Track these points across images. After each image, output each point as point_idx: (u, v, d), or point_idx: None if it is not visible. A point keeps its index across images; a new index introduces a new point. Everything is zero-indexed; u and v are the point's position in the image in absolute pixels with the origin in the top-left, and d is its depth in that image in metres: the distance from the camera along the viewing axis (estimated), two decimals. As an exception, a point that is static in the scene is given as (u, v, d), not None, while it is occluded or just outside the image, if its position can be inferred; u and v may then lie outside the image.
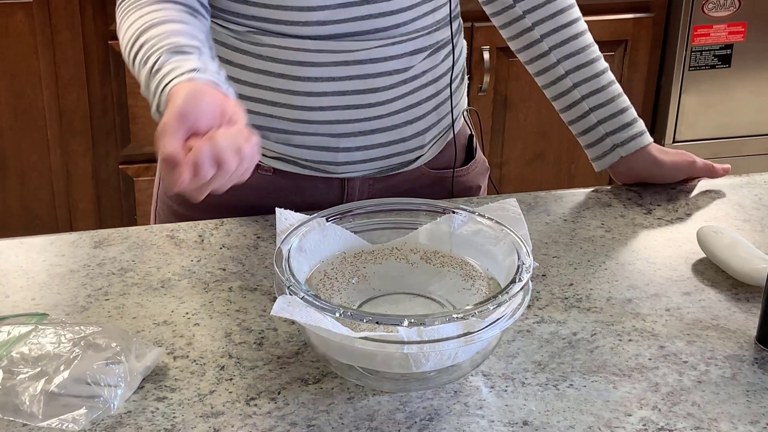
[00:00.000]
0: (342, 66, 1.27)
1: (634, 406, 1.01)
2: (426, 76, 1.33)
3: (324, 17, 1.25)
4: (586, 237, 1.30)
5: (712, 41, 2.70)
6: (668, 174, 1.40)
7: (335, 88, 1.28)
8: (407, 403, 1.00)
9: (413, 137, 1.35)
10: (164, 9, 1.17)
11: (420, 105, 1.34)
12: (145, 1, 1.19)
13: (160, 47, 1.11)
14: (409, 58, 1.30)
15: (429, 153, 1.38)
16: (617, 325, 1.13)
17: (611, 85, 1.40)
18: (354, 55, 1.27)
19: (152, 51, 1.11)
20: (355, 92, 1.29)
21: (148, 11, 1.17)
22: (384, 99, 1.31)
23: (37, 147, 2.51)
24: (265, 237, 1.28)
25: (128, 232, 1.29)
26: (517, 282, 1.00)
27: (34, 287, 1.18)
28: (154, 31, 1.14)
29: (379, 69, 1.29)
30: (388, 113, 1.32)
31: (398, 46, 1.29)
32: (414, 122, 1.34)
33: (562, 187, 2.76)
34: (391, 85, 1.30)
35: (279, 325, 1.11)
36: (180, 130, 0.98)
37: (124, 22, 1.19)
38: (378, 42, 1.27)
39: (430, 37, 1.32)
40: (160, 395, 1.01)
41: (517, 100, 2.70)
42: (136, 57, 1.14)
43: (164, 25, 1.14)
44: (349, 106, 1.29)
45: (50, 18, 2.39)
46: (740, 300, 1.18)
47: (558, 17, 1.38)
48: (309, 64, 1.27)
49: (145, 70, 1.11)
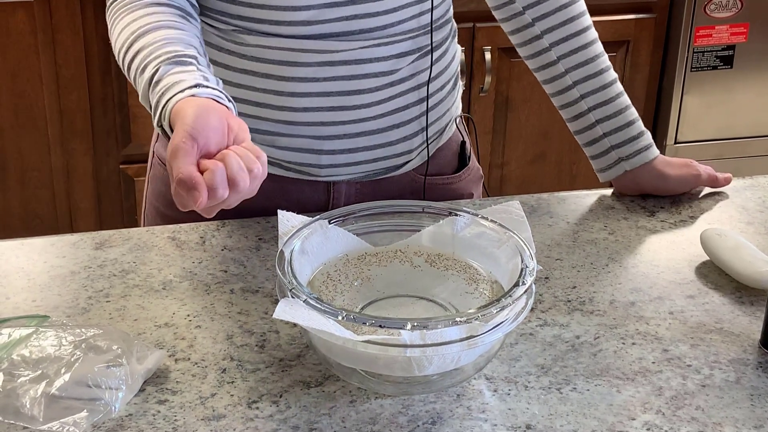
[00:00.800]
0: (327, 66, 1.27)
1: (638, 410, 1.00)
2: (413, 79, 1.32)
3: (309, 17, 1.24)
4: (589, 240, 1.30)
5: (714, 42, 2.70)
6: (673, 188, 1.39)
7: (320, 89, 1.28)
8: (410, 407, 1.00)
9: (399, 142, 1.34)
10: (157, 13, 1.16)
11: (407, 109, 1.33)
12: (136, 4, 1.18)
13: (157, 56, 1.10)
14: (395, 60, 1.29)
15: (418, 158, 1.37)
16: (620, 328, 1.13)
17: (619, 98, 1.38)
18: (339, 55, 1.26)
19: (149, 59, 1.10)
20: (340, 93, 1.28)
21: (141, 15, 1.16)
22: (369, 101, 1.30)
23: (37, 146, 2.50)
24: (267, 239, 1.28)
25: (129, 234, 1.29)
26: (520, 285, 0.99)
27: (34, 289, 1.17)
28: (149, 38, 1.13)
29: (365, 70, 1.28)
30: (373, 116, 1.31)
31: (384, 48, 1.28)
32: (400, 126, 1.33)
33: (563, 188, 2.76)
34: (376, 87, 1.29)
35: (281, 328, 1.11)
36: (193, 152, 0.98)
37: (116, 25, 1.18)
38: (364, 42, 1.27)
39: (417, 41, 1.31)
40: (161, 398, 1.01)
41: (519, 100, 2.69)
42: (132, 63, 1.13)
43: (159, 31, 1.13)
44: (334, 107, 1.29)
45: (51, 17, 2.39)
46: (744, 303, 1.17)
47: (568, 26, 1.36)
48: (294, 64, 1.26)
49: (143, 80, 1.10)
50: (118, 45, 1.16)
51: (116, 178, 2.58)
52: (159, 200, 1.39)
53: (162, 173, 1.39)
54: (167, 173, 1.35)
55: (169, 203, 1.36)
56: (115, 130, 2.52)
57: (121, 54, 1.15)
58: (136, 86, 1.13)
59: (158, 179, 1.40)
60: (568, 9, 1.37)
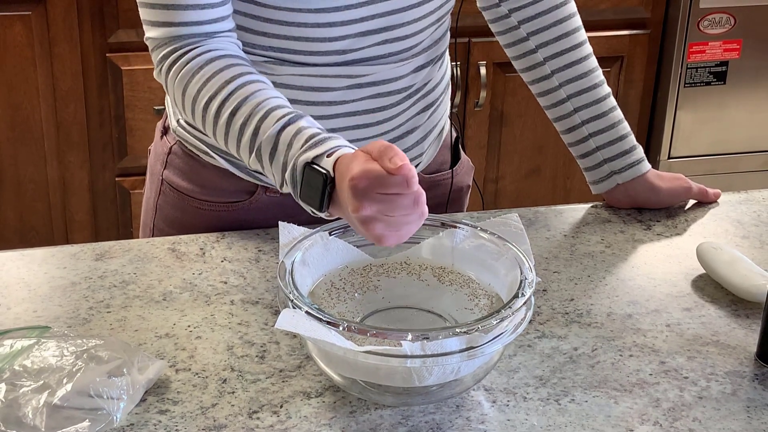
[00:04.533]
0: (355, 89, 1.27)
1: (636, 421, 1.01)
2: (425, 87, 1.34)
3: (343, 46, 1.24)
4: (587, 252, 1.31)
5: (708, 58, 2.71)
6: (664, 200, 1.41)
7: (346, 110, 1.28)
8: (409, 417, 1.01)
9: (414, 146, 1.36)
10: (244, 74, 1.15)
11: (419, 115, 1.35)
12: (202, 60, 1.16)
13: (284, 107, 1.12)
14: (414, 75, 1.31)
15: (426, 159, 1.39)
16: (618, 340, 1.13)
17: (612, 112, 1.39)
18: (367, 78, 1.27)
19: (273, 110, 1.11)
20: (366, 112, 1.29)
21: (226, 78, 1.14)
22: (390, 116, 1.31)
23: (33, 159, 2.51)
24: (266, 250, 1.28)
25: (129, 245, 1.29)
26: (519, 297, 1.00)
27: (35, 299, 1.18)
28: (255, 91, 1.13)
29: (389, 88, 1.29)
30: (393, 128, 1.32)
31: (405, 66, 1.29)
32: (414, 131, 1.35)
33: (557, 202, 2.77)
34: (397, 102, 1.31)
35: (281, 339, 1.11)
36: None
37: (192, 79, 1.16)
38: (391, 65, 1.28)
39: (430, 53, 1.32)
40: (162, 408, 1.01)
41: (514, 115, 2.70)
42: (235, 115, 1.13)
43: (263, 99, 1.13)
44: (359, 125, 1.30)
45: (48, 30, 2.40)
46: (740, 316, 1.18)
47: (562, 41, 1.38)
48: (323, 89, 1.27)
49: (267, 140, 1.10)
50: (204, 100, 1.15)
51: (112, 190, 2.58)
52: (172, 226, 1.38)
53: (174, 200, 1.38)
54: (181, 199, 1.35)
55: (182, 228, 1.36)
56: (112, 143, 2.53)
57: (215, 107, 1.14)
58: (240, 144, 1.13)
59: (170, 206, 1.38)
60: (563, 24, 1.38)
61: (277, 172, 1.10)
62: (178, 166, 1.36)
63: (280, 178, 1.09)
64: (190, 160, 1.35)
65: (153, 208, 1.41)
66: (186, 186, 1.36)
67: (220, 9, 1.18)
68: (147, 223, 1.42)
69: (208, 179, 1.34)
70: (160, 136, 1.40)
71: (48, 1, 2.37)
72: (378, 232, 0.98)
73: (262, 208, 1.34)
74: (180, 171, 1.36)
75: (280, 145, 1.09)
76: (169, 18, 1.17)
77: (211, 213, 1.35)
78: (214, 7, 1.17)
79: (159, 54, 1.19)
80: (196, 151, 1.34)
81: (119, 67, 2.44)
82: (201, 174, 1.35)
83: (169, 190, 1.38)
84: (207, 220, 1.35)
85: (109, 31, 2.42)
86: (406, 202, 0.97)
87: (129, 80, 2.45)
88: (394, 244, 1.00)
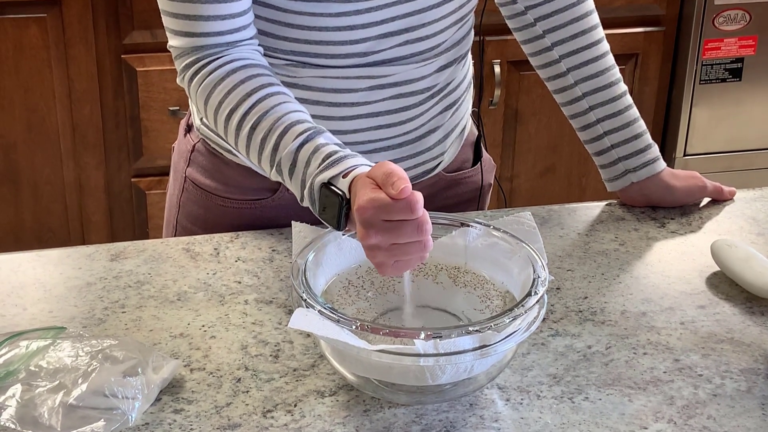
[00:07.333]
0: (377, 90, 1.27)
1: (650, 419, 1.01)
2: (448, 87, 1.34)
3: (365, 48, 1.24)
4: (600, 250, 1.31)
5: (723, 55, 2.70)
6: (679, 199, 1.41)
7: (368, 111, 1.28)
8: (423, 416, 1.01)
9: (436, 145, 1.36)
10: (265, 86, 1.16)
11: (441, 114, 1.35)
12: (223, 71, 1.17)
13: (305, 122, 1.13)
14: (436, 75, 1.31)
15: (448, 158, 1.40)
16: (632, 338, 1.13)
17: (627, 110, 1.39)
18: (389, 78, 1.27)
19: (285, 137, 1.12)
20: (388, 112, 1.29)
21: (247, 90, 1.15)
22: (412, 116, 1.31)
23: (50, 160, 2.52)
24: (280, 250, 1.29)
25: (144, 245, 1.30)
26: (533, 295, 1.00)
27: (51, 300, 1.18)
28: (276, 115, 1.14)
29: (412, 89, 1.29)
30: (415, 128, 1.32)
31: (429, 66, 1.29)
32: (436, 131, 1.35)
33: (572, 200, 2.76)
34: (420, 101, 1.31)
35: (295, 338, 1.12)
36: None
37: (214, 92, 1.17)
38: (413, 65, 1.28)
39: (453, 53, 1.32)
40: (177, 407, 1.01)
41: (528, 113, 2.70)
42: (258, 127, 1.14)
43: (282, 113, 1.14)
44: (381, 125, 1.30)
45: (64, 32, 2.41)
46: (755, 313, 1.18)
47: (579, 39, 1.37)
48: (345, 90, 1.27)
49: (288, 153, 1.11)
50: (228, 110, 1.16)
51: (128, 191, 2.59)
52: (196, 223, 1.39)
53: (197, 197, 1.38)
54: (204, 197, 1.36)
55: (206, 225, 1.37)
56: (127, 144, 2.54)
57: (238, 114, 1.15)
58: (258, 149, 1.14)
59: (193, 203, 1.39)
60: (580, 22, 1.38)
61: (296, 188, 1.12)
62: (202, 163, 1.37)
63: (299, 193, 1.11)
64: (213, 158, 1.36)
65: (176, 206, 1.42)
66: (209, 183, 1.36)
67: (242, 18, 1.18)
68: (170, 220, 1.43)
69: (231, 177, 1.35)
70: (184, 134, 1.41)
71: (63, 3, 2.38)
72: (378, 260, 1.00)
73: (285, 206, 1.34)
74: (203, 168, 1.37)
75: (298, 162, 1.10)
76: (192, 28, 1.17)
77: (234, 210, 1.36)
78: (236, 17, 1.18)
79: (182, 63, 1.20)
80: (219, 149, 1.35)
81: (134, 68, 2.45)
82: (224, 172, 1.35)
83: (192, 187, 1.38)
84: (230, 217, 1.36)
85: (123, 33, 2.43)
86: (409, 229, 0.98)
87: (144, 81, 2.46)
88: (393, 276, 1.03)
